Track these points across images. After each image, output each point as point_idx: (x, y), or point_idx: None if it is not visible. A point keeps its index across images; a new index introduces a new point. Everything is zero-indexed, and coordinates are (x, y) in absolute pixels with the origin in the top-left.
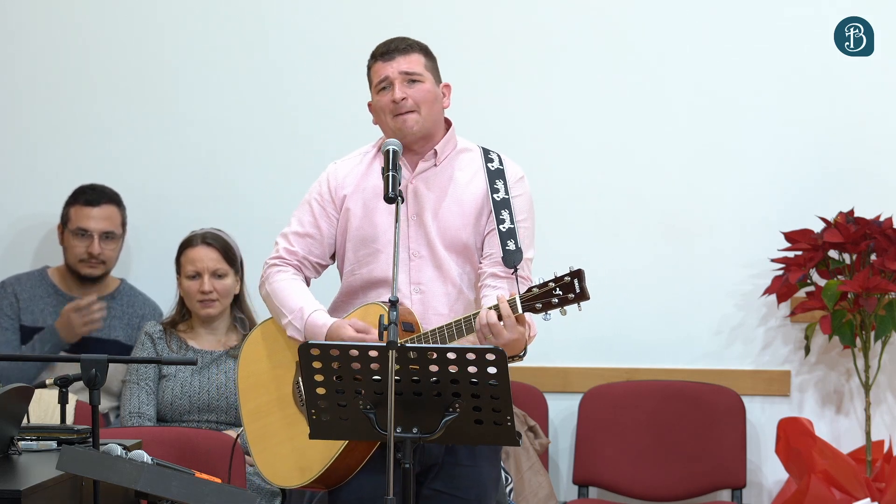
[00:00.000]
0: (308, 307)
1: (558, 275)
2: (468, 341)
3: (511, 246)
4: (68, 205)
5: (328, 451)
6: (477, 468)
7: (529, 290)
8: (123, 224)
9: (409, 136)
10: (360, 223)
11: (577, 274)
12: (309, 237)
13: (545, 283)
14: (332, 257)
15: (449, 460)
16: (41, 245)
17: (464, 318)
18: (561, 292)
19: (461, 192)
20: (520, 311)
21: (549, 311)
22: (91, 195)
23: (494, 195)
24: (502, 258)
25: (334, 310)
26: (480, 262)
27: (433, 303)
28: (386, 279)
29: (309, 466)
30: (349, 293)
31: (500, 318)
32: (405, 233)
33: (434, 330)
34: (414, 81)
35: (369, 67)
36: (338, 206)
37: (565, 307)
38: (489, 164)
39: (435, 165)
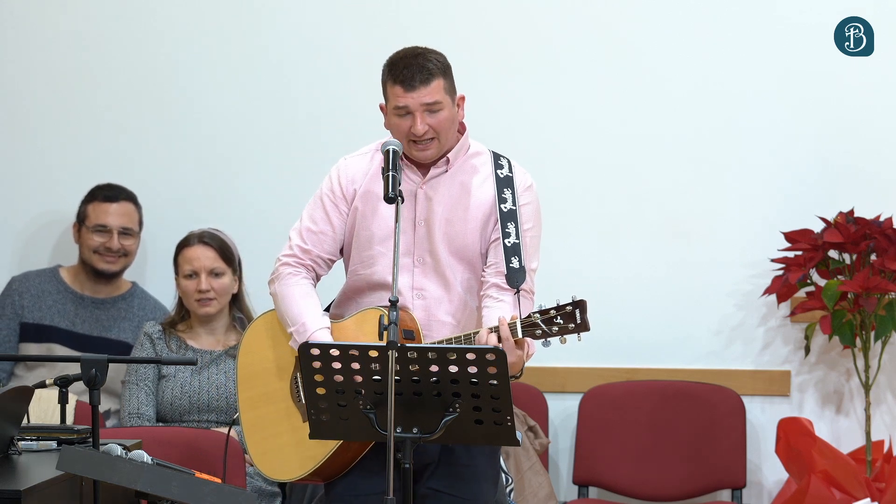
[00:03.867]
0: (312, 324)
1: (561, 302)
2: None
3: (515, 264)
4: (85, 202)
5: (326, 444)
6: (474, 467)
7: (530, 315)
8: (140, 222)
9: (424, 162)
10: (366, 224)
11: (580, 304)
12: (322, 234)
13: (547, 311)
14: (341, 251)
15: (446, 459)
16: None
17: (464, 335)
18: (562, 321)
19: (470, 198)
20: (520, 335)
21: (548, 339)
22: (109, 192)
23: (502, 205)
24: (506, 275)
25: (337, 305)
26: (484, 270)
27: (434, 309)
28: (386, 283)
29: (306, 459)
30: (354, 291)
31: (499, 339)
32: (411, 238)
33: (441, 340)
34: (435, 111)
35: (386, 83)
36: (349, 202)
37: (565, 336)
38: (499, 171)
39: (446, 171)
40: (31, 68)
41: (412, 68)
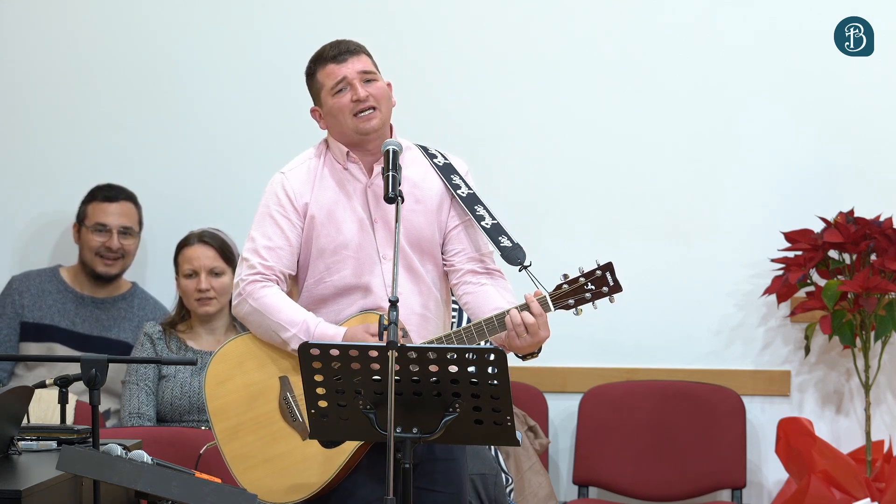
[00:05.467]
0: (311, 319)
1: (585, 270)
2: (499, 339)
3: (506, 242)
4: (85, 202)
5: (324, 468)
6: (453, 461)
7: (559, 287)
8: (140, 223)
9: (370, 133)
10: (325, 231)
11: (608, 267)
12: (280, 249)
13: (574, 279)
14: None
15: (427, 457)
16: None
17: (485, 320)
18: (593, 287)
19: (418, 190)
20: (552, 309)
21: (580, 307)
22: (109, 192)
23: (457, 191)
24: (503, 256)
25: None
26: (447, 259)
27: (408, 303)
28: (357, 285)
29: (304, 484)
30: (317, 301)
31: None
32: (371, 237)
33: (459, 330)
34: (370, 80)
35: (315, 72)
36: (301, 215)
37: (597, 301)
38: (434, 161)
39: None
40: (31, 68)
41: (338, 47)
